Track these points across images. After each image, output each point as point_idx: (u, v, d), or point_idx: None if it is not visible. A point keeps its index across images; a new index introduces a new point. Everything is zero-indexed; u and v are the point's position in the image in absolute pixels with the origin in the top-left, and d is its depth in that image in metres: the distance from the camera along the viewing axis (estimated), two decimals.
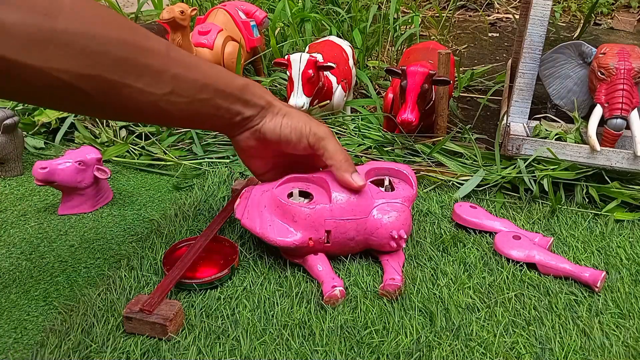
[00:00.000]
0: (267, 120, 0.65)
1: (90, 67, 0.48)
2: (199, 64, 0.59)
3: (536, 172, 0.86)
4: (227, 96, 0.61)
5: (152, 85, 0.54)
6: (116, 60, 0.50)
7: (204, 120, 0.63)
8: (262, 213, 0.67)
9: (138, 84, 0.52)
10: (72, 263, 0.72)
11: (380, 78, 1.35)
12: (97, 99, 0.51)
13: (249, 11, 1.26)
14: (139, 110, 0.55)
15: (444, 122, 0.99)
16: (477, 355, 0.57)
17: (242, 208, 0.71)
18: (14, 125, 0.90)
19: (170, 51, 0.56)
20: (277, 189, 0.68)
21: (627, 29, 1.93)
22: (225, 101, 0.61)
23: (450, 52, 0.94)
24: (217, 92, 0.60)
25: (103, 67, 0.49)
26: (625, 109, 0.84)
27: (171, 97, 0.56)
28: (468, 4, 2.09)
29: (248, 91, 0.63)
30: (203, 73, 0.59)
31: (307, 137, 0.65)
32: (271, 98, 0.66)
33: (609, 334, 0.60)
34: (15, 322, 0.61)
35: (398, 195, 0.70)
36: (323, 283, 0.64)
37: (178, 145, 1.03)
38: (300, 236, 0.65)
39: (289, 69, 0.97)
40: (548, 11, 0.88)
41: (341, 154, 0.67)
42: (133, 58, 0.51)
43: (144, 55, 0.52)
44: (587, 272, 0.67)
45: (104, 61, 0.49)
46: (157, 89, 0.54)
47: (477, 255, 0.73)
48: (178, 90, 0.56)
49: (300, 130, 0.65)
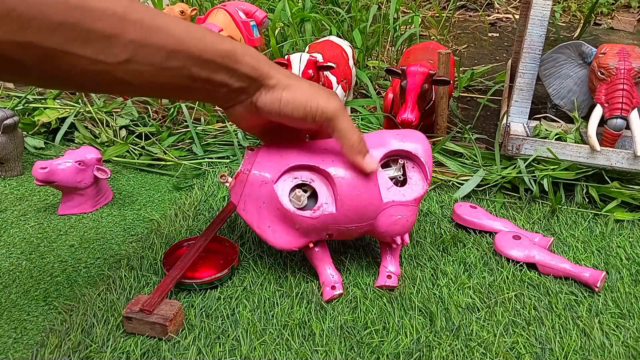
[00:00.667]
0: (263, 94, 0.56)
1: (18, 32, 0.40)
2: (168, 25, 0.50)
3: (536, 172, 0.86)
4: (204, 64, 0.52)
5: (102, 53, 0.45)
6: (52, 24, 0.42)
7: (178, 92, 0.55)
8: (261, 210, 0.62)
9: (84, 51, 0.44)
10: (72, 263, 0.72)
11: (380, 78, 1.35)
12: (35, 68, 0.44)
13: (249, 11, 1.26)
14: (92, 81, 0.47)
15: (444, 122, 0.99)
16: (477, 355, 0.57)
17: (237, 193, 0.64)
18: (14, 125, 0.90)
19: (129, 12, 0.47)
20: (277, 185, 0.61)
21: (627, 29, 1.93)
22: (203, 70, 0.52)
23: (450, 52, 0.94)
24: (192, 59, 0.51)
25: (35, 33, 0.41)
26: (625, 109, 0.84)
27: (129, 66, 0.47)
28: (468, 4, 2.09)
29: (234, 58, 0.53)
30: (173, 36, 0.49)
31: (314, 116, 0.56)
32: (267, 67, 0.56)
33: (609, 334, 0.60)
34: (15, 322, 0.61)
35: (410, 194, 0.65)
36: (323, 284, 0.64)
37: (178, 145, 1.03)
38: (301, 242, 0.63)
39: (289, 69, 0.97)
40: (548, 11, 0.88)
41: (353, 134, 0.59)
42: (75, 22, 0.43)
43: (90, 18, 0.44)
44: (587, 272, 0.67)
45: (36, 25, 0.41)
46: (109, 57, 0.46)
47: (477, 255, 0.73)
48: (138, 58, 0.47)
49: (304, 108, 0.56)
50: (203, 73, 0.52)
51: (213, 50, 0.52)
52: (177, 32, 0.50)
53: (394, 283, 0.65)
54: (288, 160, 0.62)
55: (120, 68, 0.47)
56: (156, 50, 0.48)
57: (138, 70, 0.48)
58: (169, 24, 0.50)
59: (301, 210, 0.62)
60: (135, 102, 1.11)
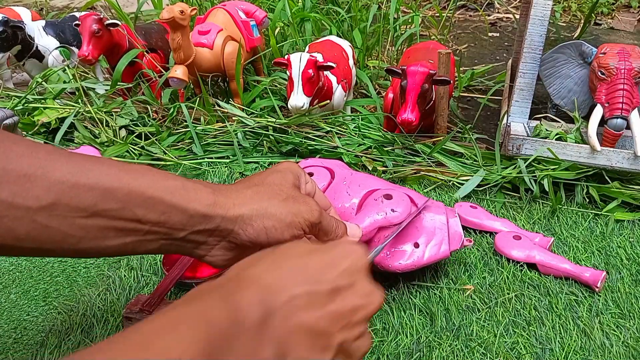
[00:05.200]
0: (242, 229, 0.47)
1: None
2: (101, 162, 0.42)
3: (536, 172, 0.86)
4: (150, 203, 0.43)
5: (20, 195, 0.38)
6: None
7: (129, 244, 0.43)
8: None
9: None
10: (72, 263, 0.72)
11: (380, 78, 1.34)
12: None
13: (248, 11, 1.26)
14: (8, 230, 0.39)
15: (444, 122, 0.99)
16: (478, 355, 0.57)
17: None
18: (13, 125, 0.90)
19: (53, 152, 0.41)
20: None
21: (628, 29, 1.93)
22: (150, 211, 0.43)
23: (450, 52, 0.94)
24: (133, 197, 0.42)
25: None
26: (625, 109, 0.84)
27: (55, 212, 0.39)
28: (468, 4, 2.09)
29: (185, 195, 0.44)
30: (108, 174, 0.42)
31: (302, 230, 0.49)
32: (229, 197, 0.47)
33: (609, 334, 0.60)
34: (15, 322, 0.61)
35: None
36: None
37: (178, 145, 1.03)
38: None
39: (289, 69, 0.97)
40: (548, 11, 0.88)
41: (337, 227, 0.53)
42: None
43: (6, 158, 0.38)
44: (587, 272, 0.67)
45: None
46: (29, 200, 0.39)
47: (478, 255, 0.73)
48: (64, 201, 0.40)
49: (292, 228, 0.48)
50: (151, 215, 0.43)
51: (158, 186, 0.43)
52: (112, 170, 0.42)
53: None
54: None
55: (44, 213, 0.39)
56: (88, 189, 0.40)
57: (65, 216, 0.40)
58: (101, 162, 0.43)
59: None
60: (135, 102, 1.11)
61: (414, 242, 0.65)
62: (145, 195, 0.42)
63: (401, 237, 0.65)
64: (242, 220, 0.46)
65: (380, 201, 0.65)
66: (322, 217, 0.51)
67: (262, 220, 0.47)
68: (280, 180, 0.50)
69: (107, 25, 1.09)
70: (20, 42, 1.18)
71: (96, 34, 1.08)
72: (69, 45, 1.27)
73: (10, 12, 1.26)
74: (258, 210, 0.47)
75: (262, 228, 0.47)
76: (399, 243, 0.65)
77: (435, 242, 0.65)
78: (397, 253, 0.64)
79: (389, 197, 0.65)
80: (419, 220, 0.65)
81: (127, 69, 1.12)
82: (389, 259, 0.64)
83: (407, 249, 0.64)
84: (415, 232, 0.65)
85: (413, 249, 0.64)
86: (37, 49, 1.23)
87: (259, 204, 0.47)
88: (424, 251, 0.64)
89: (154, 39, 1.23)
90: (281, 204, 0.48)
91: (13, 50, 1.19)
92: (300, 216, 0.49)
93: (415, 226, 0.65)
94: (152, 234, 0.43)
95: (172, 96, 1.16)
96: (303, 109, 0.96)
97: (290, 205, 0.49)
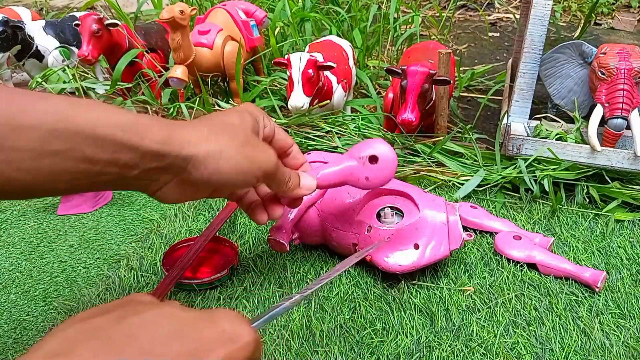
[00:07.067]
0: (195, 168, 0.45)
1: None
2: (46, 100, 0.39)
3: (537, 172, 0.86)
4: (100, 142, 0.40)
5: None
6: None
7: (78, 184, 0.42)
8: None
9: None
10: (72, 263, 0.72)
11: (380, 78, 1.34)
12: None
13: (248, 11, 1.26)
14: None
15: (444, 122, 0.99)
16: (478, 355, 0.57)
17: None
18: None
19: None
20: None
21: (628, 28, 1.93)
22: (101, 150, 0.40)
23: (450, 52, 0.93)
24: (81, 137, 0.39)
25: None
26: (625, 108, 0.83)
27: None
28: (468, 4, 2.09)
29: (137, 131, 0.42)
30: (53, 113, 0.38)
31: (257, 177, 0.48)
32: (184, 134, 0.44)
33: (610, 334, 0.60)
34: (15, 322, 0.61)
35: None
36: None
37: None
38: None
39: (289, 69, 0.97)
40: (548, 11, 0.88)
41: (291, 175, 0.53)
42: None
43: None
44: (587, 273, 0.67)
45: None
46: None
47: (478, 255, 0.73)
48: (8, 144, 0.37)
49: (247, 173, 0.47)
50: (102, 154, 0.40)
51: (109, 123, 0.40)
52: (59, 107, 0.39)
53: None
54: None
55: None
56: (31, 130, 0.38)
57: (10, 160, 0.37)
58: (46, 98, 0.39)
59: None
60: (135, 102, 1.11)
61: (414, 243, 0.65)
62: (95, 134, 0.39)
63: (401, 239, 0.65)
64: (197, 159, 0.44)
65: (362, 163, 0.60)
66: (278, 167, 0.50)
67: (217, 162, 0.45)
68: (240, 122, 0.48)
69: (107, 25, 1.09)
70: (20, 42, 1.18)
71: (96, 34, 1.08)
72: (69, 45, 1.27)
73: (10, 12, 1.26)
74: (214, 151, 0.45)
75: (217, 170, 0.45)
76: (398, 244, 0.65)
77: (435, 243, 0.65)
78: (397, 254, 0.64)
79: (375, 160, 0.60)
80: (419, 221, 0.65)
81: (127, 68, 1.12)
82: (388, 260, 0.64)
83: (407, 250, 0.64)
84: (415, 233, 0.65)
85: (413, 250, 0.64)
86: (37, 49, 1.23)
87: (215, 144, 0.45)
88: (424, 252, 0.64)
89: (153, 39, 1.23)
90: (239, 149, 0.46)
91: (13, 50, 1.19)
92: (257, 165, 0.47)
93: (416, 227, 0.65)
94: (104, 174, 0.41)
95: (172, 96, 1.16)
96: (303, 109, 0.96)
97: (248, 151, 0.47)
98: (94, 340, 0.30)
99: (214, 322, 0.33)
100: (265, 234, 0.76)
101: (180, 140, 0.43)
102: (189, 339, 0.32)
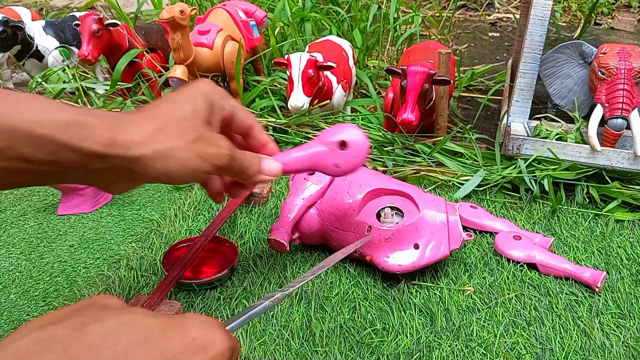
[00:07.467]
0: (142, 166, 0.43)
1: None
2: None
3: (537, 172, 0.86)
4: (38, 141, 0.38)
5: None
6: None
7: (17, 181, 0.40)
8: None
9: None
10: (72, 263, 0.72)
11: (380, 78, 1.34)
12: None
13: (248, 11, 1.26)
14: None
15: (444, 122, 0.99)
16: (478, 355, 0.57)
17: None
18: None
19: None
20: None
21: (628, 28, 1.93)
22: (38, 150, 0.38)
23: (450, 52, 0.93)
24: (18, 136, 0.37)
25: None
26: (625, 108, 0.83)
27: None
28: (468, 4, 2.09)
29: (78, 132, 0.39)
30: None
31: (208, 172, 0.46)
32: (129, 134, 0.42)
33: (610, 334, 0.60)
34: (15, 322, 0.61)
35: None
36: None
37: None
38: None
39: (289, 69, 0.97)
40: (548, 11, 0.88)
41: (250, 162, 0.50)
42: None
43: None
44: (587, 273, 0.67)
45: None
46: None
47: (478, 255, 0.73)
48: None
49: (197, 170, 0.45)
50: (40, 154, 0.38)
51: (47, 122, 0.38)
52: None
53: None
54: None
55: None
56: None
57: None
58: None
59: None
60: (135, 102, 1.11)
61: (414, 243, 0.65)
62: (33, 134, 0.37)
63: (401, 239, 0.65)
64: (144, 161, 0.42)
65: (331, 148, 0.57)
66: (233, 160, 0.47)
67: (165, 162, 0.43)
68: (191, 114, 0.45)
69: (107, 25, 1.09)
70: (20, 42, 1.18)
71: (96, 34, 1.08)
72: (69, 45, 1.27)
73: (10, 12, 1.26)
74: (162, 152, 0.42)
75: (165, 170, 0.43)
76: (398, 244, 0.65)
77: (435, 243, 0.65)
78: (397, 254, 0.64)
79: (344, 145, 0.57)
80: (419, 221, 0.65)
81: (127, 68, 1.12)
82: (388, 260, 0.64)
83: (407, 251, 0.64)
84: (415, 233, 0.65)
85: (413, 250, 0.64)
86: (37, 49, 1.23)
87: (163, 144, 0.43)
88: (424, 252, 0.64)
89: (153, 39, 1.23)
90: (188, 147, 0.44)
91: (13, 50, 1.19)
92: (208, 161, 0.45)
93: (416, 227, 0.65)
94: (43, 173, 0.39)
95: None
96: (303, 108, 0.96)
97: (199, 147, 0.44)
98: (48, 353, 0.27)
99: (184, 329, 0.30)
100: (265, 234, 0.76)
101: (124, 140, 0.41)
102: (155, 349, 0.29)
